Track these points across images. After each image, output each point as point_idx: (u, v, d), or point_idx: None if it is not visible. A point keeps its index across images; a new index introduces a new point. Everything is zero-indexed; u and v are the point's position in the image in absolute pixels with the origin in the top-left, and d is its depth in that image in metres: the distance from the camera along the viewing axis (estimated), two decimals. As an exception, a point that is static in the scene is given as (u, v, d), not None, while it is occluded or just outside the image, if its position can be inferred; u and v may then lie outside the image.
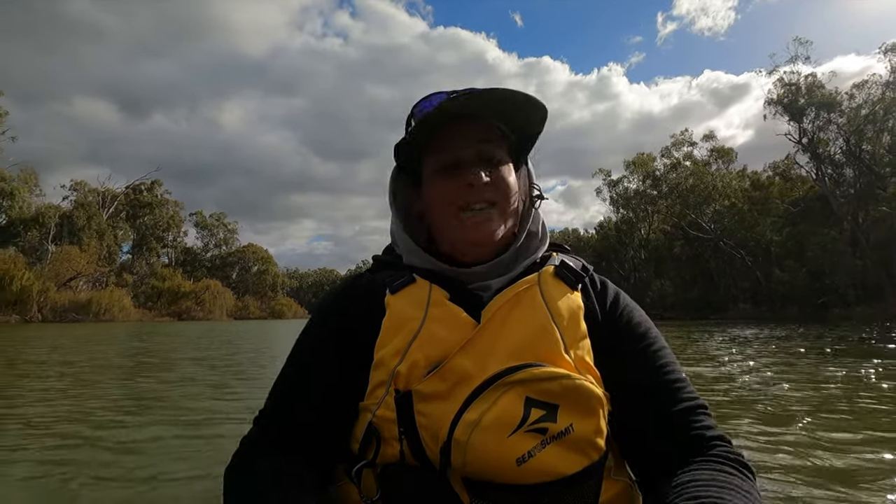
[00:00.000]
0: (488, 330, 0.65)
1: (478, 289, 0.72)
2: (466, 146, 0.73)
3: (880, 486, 1.87)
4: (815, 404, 3.41)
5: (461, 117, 0.72)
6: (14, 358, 7.75)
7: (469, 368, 0.62)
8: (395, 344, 0.65)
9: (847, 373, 4.87)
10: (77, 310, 34.67)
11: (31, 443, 2.62)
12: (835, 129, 30.51)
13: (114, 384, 4.91)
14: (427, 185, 0.76)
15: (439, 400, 0.61)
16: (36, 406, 3.65)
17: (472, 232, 0.71)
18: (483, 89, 0.69)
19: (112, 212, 54.52)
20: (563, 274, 0.72)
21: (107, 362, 7.17)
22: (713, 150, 39.21)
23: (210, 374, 5.70)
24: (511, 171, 0.76)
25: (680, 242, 40.91)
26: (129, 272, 52.59)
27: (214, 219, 74.32)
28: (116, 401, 3.94)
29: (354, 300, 0.74)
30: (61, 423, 3.07)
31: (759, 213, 34.69)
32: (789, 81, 31.35)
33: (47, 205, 48.29)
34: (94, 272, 42.32)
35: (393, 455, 0.62)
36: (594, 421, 0.61)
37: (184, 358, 7.96)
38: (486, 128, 0.74)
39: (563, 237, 53.64)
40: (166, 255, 65.16)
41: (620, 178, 44.39)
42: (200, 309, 49.54)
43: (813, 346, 8.21)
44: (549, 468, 0.58)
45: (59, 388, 4.49)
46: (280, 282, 78.43)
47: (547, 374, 0.60)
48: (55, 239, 44.75)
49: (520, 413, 0.58)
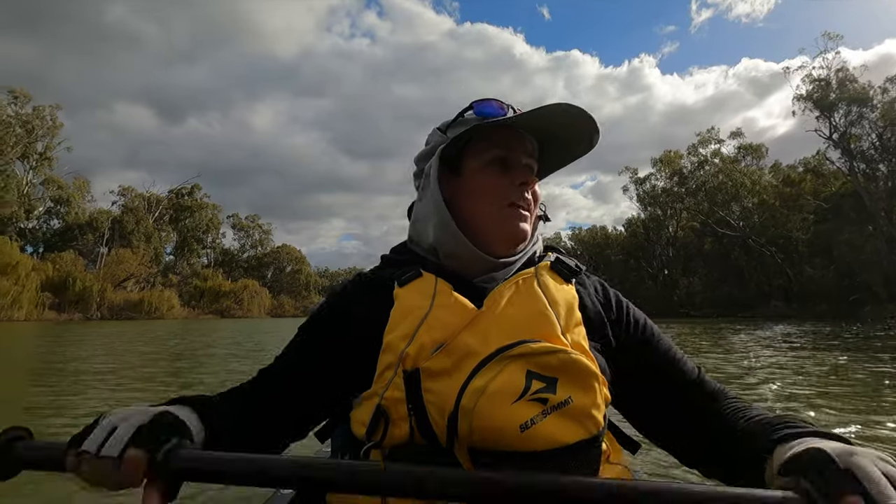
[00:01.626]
0: (490, 311, 0.69)
1: (482, 282, 0.77)
2: (523, 152, 0.81)
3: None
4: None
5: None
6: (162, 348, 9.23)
7: (473, 345, 0.66)
8: (403, 328, 0.69)
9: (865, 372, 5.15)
10: (131, 308, 37.52)
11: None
12: (867, 123, 30.07)
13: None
14: (473, 175, 0.81)
15: (445, 376, 0.64)
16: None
17: (514, 227, 0.78)
18: (558, 105, 0.75)
19: (157, 216, 57.91)
20: (558, 269, 0.78)
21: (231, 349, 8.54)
22: (741, 148, 38.95)
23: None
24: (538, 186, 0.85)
25: (709, 240, 40.72)
26: (173, 273, 55.78)
27: (250, 221, 77.51)
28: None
29: (362, 293, 0.79)
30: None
31: (790, 209, 34.37)
32: (818, 77, 31.06)
33: (100, 210, 51.92)
34: (145, 273, 45.31)
35: (401, 435, 0.65)
36: (591, 395, 0.64)
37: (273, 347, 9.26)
38: (532, 144, 0.83)
39: (592, 235, 53.65)
40: (205, 256, 68.56)
41: (647, 175, 44.44)
42: (239, 308, 52.15)
43: (839, 344, 8.43)
44: (551, 436, 0.61)
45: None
46: (313, 281, 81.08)
47: (545, 348, 0.64)
48: (108, 242, 48.15)
49: (522, 383, 0.62)
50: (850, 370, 5.28)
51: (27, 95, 41.55)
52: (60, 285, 33.09)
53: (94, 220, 49.19)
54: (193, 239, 64.10)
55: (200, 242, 66.16)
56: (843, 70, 30.68)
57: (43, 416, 4.00)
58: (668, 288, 40.54)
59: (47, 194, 48.55)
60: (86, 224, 48.54)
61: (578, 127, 0.79)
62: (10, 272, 27.85)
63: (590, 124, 0.78)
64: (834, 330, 12.41)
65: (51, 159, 46.21)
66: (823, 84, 30.98)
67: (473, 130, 0.79)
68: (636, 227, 47.61)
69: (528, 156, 0.82)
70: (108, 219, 49.83)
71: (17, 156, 41.06)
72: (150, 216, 55.71)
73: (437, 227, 0.79)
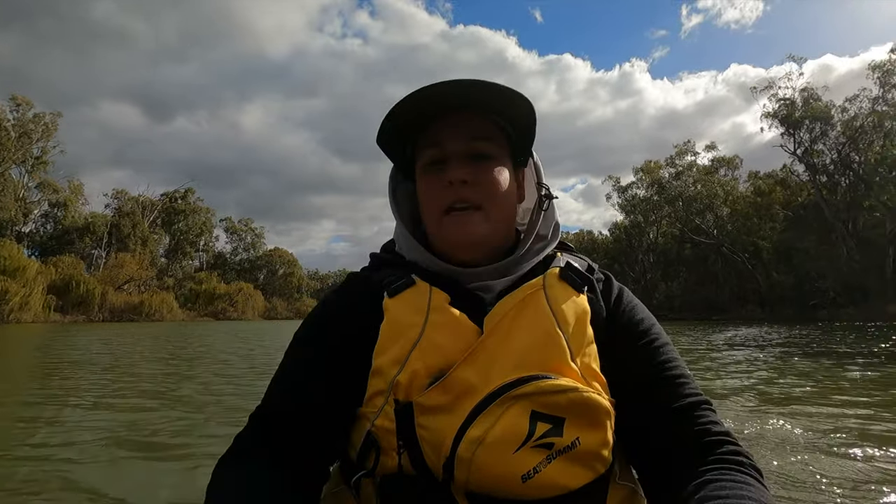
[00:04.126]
0: (492, 338, 0.63)
1: (478, 289, 0.70)
2: (457, 141, 0.70)
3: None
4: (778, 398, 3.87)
5: (455, 110, 0.70)
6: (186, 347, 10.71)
7: (473, 380, 0.60)
8: (393, 352, 0.63)
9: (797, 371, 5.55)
10: (131, 310, 38.67)
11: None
12: (829, 140, 32.41)
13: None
14: (417, 182, 0.75)
15: (442, 413, 0.59)
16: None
17: (451, 233, 0.70)
18: (464, 80, 0.65)
19: (152, 219, 58.87)
20: (568, 276, 0.70)
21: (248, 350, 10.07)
22: (714, 160, 41.30)
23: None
24: (504, 171, 0.72)
25: (688, 246, 42.95)
26: (167, 275, 56.74)
27: (243, 224, 78.46)
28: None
29: (353, 301, 0.73)
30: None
31: (761, 218, 36.66)
32: (783, 97, 33.39)
33: (95, 214, 52.76)
34: (144, 276, 46.42)
35: (392, 466, 0.61)
36: (601, 434, 0.60)
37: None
38: (482, 124, 0.71)
39: (578, 239, 55.75)
40: (198, 259, 69.41)
41: (629, 184, 46.57)
42: (234, 310, 53.26)
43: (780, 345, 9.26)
44: (555, 483, 0.58)
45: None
46: (304, 284, 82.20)
47: (554, 387, 0.58)
48: (106, 246, 49.20)
49: (525, 428, 0.57)
50: (780, 368, 5.98)
51: (28, 103, 42.50)
52: (63, 288, 34.20)
53: (92, 224, 50.11)
54: (186, 242, 64.99)
55: (193, 245, 67.05)
56: (807, 90, 33.01)
57: (158, 397, 4.33)
58: (649, 292, 42.57)
59: (44, 198, 49.39)
60: (83, 228, 49.48)
61: (497, 91, 0.67)
62: (20, 276, 29.00)
63: (512, 92, 0.67)
64: (793, 333, 13.35)
65: (46, 163, 47.04)
66: (789, 103, 33.28)
67: (384, 138, 0.72)
68: (619, 234, 49.80)
69: (469, 140, 0.71)
70: (106, 223, 50.80)
71: (19, 161, 42.05)
72: (146, 220, 56.68)
73: (403, 243, 0.76)
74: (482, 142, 0.71)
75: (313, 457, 0.66)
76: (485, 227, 0.70)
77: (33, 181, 47.71)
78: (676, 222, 42.69)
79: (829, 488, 1.95)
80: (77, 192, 52.04)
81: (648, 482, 0.67)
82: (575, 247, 0.83)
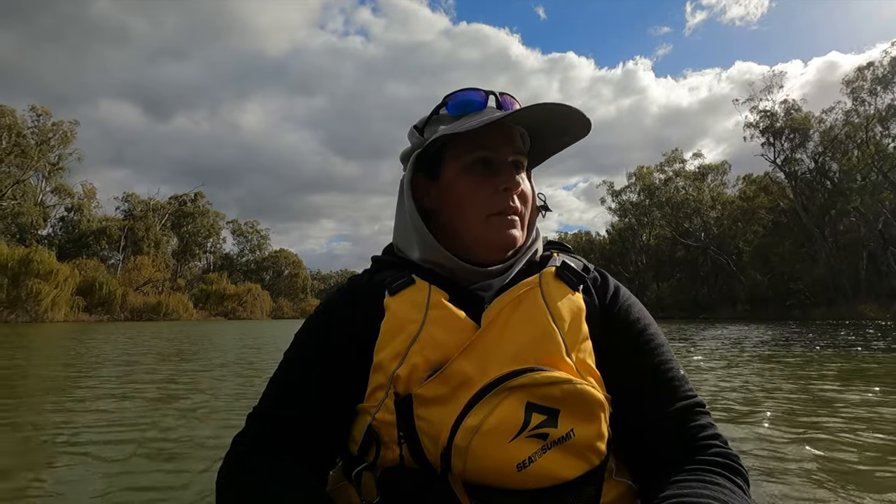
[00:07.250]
0: (489, 332, 0.64)
1: (479, 289, 0.72)
2: (507, 150, 0.73)
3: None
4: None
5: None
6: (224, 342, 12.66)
7: (470, 372, 0.62)
8: (393, 346, 0.65)
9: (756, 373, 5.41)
10: (150, 310, 40.97)
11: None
12: (807, 150, 34.46)
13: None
14: (452, 181, 0.74)
15: (440, 404, 0.61)
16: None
17: (499, 237, 0.72)
18: (545, 105, 0.67)
19: (162, 222, 61.13)
20: (564, 275, 0.72)
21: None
22: (701, 167, 43.41)
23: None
24: (529, 181, 0.78)
25: (680, 248, 45.04)
26: (178, 276, 59.00)
27: (249, 226, 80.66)
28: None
29: (355, 301, 0.74)
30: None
31: (746, 222, 38.73)
32: (764, 109, 35.45)
33: (106, 217, 55.05)
34: (161, 278, 48.74)
35: (393, 459, 0.63)
36: (595, 426, 0.61)
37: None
38: (521, 136, 0.75)
39: (576, 240, 57.68)
40: (205, 260, 71.62)
41: (623, 188, 48.58)
42: (243, 310, 55.54)
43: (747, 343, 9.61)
44: (550, 473, 0.59)
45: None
46: (309, 284, 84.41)
47: (548, 378, 0.60)
48: (123, 249, 51.58)
49: (520, 418, 0.58)
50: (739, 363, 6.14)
51: (48, 113, 44.65)
52: (87, 289, 36.42)
53: (107, 227, 52.39)
54: (194, 244, 67.17)
55: (201, 247, 69.22)
56: (786, 102, 35.07)
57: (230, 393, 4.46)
58: (640, 292, 44.60)
59: (61, 203, 51.60)
60: (98, 231, 51.75)
61: (571, 115, 0.71)
62: (52, 279, 31.22)
63: (582, 116, 0.71)
64: (767, 332, 13.96)
65: (63, 168, 49.15)
66: (770, 114, 35.34)
67: (450, 136, 0.73)
68: (614, 235, 51.89)
69: (515, 152, 0.75)
70: (123, 227, 53.18)
71: (42, 169, 44.19)
72: (158, 223, 58.90)
73: (418, 241, 0.76)
74: (519, 154, 0.76)
75: (314, 454, 0.69)
76: (520, 233, 0.75)
77: (50, 185, 49.88)
78: (667, 226, 44.78)
79: (819, 483, 1.96)
80: (90, 195, 54.27)
81: (638, 481, 0.69)
82: (573, 247, 0.88)
